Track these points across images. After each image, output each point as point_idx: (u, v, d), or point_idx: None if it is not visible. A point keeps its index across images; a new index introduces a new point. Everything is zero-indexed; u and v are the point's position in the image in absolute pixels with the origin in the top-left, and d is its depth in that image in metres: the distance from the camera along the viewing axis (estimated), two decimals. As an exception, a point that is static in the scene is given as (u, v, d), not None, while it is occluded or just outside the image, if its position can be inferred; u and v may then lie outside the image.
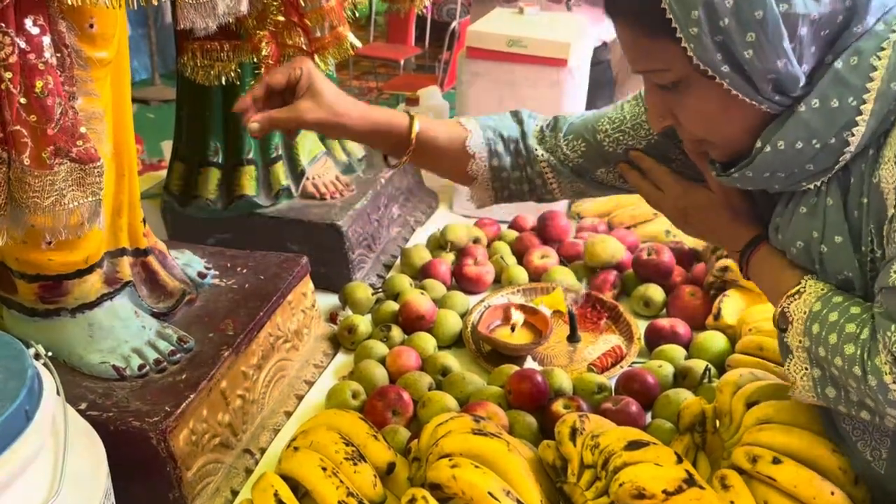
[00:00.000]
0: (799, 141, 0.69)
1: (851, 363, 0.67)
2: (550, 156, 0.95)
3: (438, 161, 0.98)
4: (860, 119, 0.66)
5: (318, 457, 0.84)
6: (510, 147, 0.96)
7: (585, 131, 0.94)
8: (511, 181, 0.97)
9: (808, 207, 0.74)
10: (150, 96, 5.00)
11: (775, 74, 0.66)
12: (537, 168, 0.95)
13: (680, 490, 0.74)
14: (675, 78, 0.71)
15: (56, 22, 0.74)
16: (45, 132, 0.71)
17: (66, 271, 0.91)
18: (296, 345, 1.15)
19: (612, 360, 1.16)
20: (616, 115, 0.93)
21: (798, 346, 0.74)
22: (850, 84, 0.66)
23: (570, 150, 0.94)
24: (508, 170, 0.96)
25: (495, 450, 0.81)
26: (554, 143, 0.95)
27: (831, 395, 0.73)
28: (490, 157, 0.96)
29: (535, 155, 0.95)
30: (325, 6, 1.10)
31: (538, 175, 0.96)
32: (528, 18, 1.61)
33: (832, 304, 0.71)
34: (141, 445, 0.85)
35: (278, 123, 0.88)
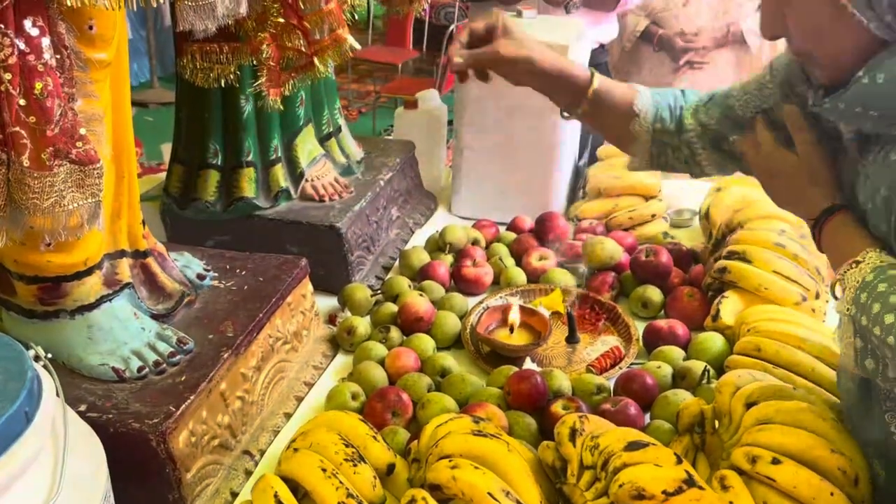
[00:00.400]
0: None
1: (888, 333, 0.67)
2: (696, 124, 0.97)
3: (606, 116, 1.01)
4: None
5: (317, 458, 0.84)
6: (674, 113, 0.99)
7: (720, 97, 0.97)
8: (670, 147, 0.99)
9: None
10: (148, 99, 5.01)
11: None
12: (685, 137, 0.98)
13: (679, 490, 0.74)
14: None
15: (55, 23, 0.74)
16: (44, 133, 0.71)
17: (65, 273, 0.91)
18: (295, 346, 1.15)
19: (611, 361, 1.16)
20: (746, 80, 0.95)
21: (846, 314, 0.74)
22: None
23: (707, 117, 0.96)
24: (670, 133, 0.98)
25: (495, 451, 0.81)
26: (702, 113, 0.97)
27: (870, 366, 0.73)
28: (654, 119, 0.98)
29: (685, 123, 0.98)
30: (325, 8, 1.10)
31: (686, 144, 0.98)
32: (525, 21, 1.61)
33: (885, 276, 0.71)
34: (140, 447, 0.85)
35: (479, 57, 0.98)
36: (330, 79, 1.45)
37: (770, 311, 1.14)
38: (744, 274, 1.21)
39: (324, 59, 1.14)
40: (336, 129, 1.49)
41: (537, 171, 1.60)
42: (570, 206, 1.66)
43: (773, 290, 1.19)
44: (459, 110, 1.61)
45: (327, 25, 1.14)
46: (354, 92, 5.55)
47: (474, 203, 1.66)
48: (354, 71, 5.58)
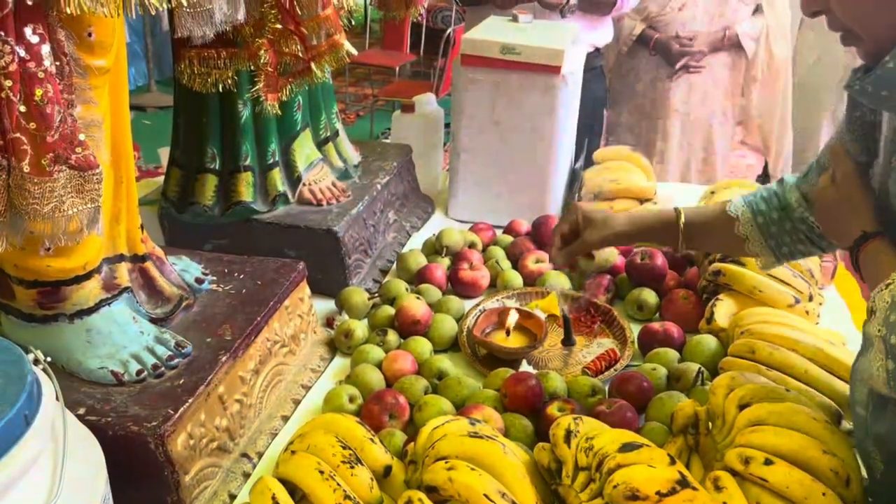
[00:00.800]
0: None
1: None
2: (803, 198, 0.96)
3: (711, 237, 1.06)
4: None
5: (315, 460, 0.84)
6: (773, 202, 0.99)
7: (817, 164, 0.96)
8: (784, 234, 0.98)
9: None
10: (146, 103, 5.01)
11: None
12: (797, 214, 0.97)
13: (673, 491, 0.75)
14: None
15: (55, 30, 0.75)
16: (44, 140, 0.72)
17: (64, 277, 0.91)
18: (293, 349, 1.15)
19: (606, 363, 1.17)
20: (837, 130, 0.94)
21: (877, 336, 0.73)
22: None
23: (809, 188, 0.96)
24: (777, 223, 0.98)
25: (491, 452, 0.82)
26: (806, 186, 0.97)
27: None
28: (754, 215, 0.99)
29: (792, 202, 0.97)
30: (322, 14, 1.11)
31: (802, 221, 0.97)
32: (521, 26, 1.63)
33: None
34: (139, 450, 0.85)
35: (574, 252, 1.10)
36: (327, 83, 1.46)
37: (764, 314, 1.15)
38: (738, 277, 1.22)
39: (321, 65, 1.15)
40: (333, 134, 1.49)
41: (534, 174, 1.61)
42: (566, 209, 1.66)
43: (766, 293, 1.20)
44: (456, 114, 1.62)
45: (324, 31, 1.15)
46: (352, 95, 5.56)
47: (471, 206, 1.67)
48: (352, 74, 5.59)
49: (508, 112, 1.56)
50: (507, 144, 1.59)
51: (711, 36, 2.34)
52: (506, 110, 1.56)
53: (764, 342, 1.08)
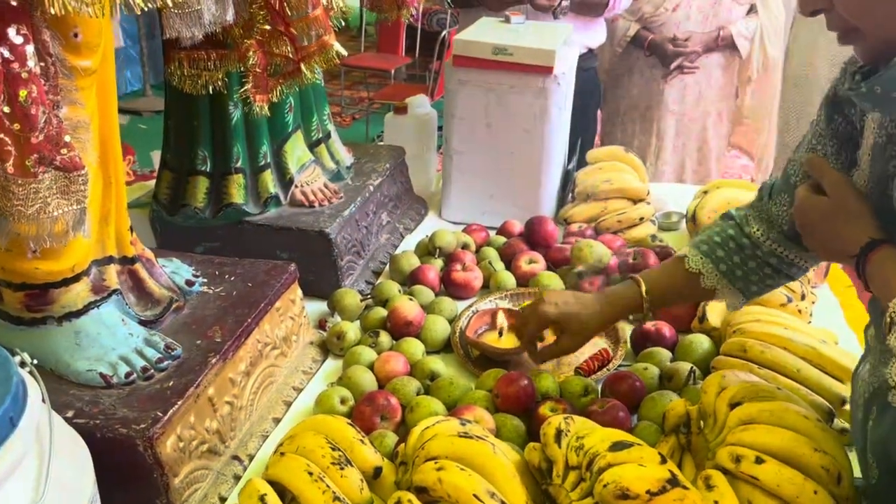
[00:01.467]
0: None
1: None
2: (767, 228, 0.95)
3: (677, 298, 1.08)
4: None
5: (304, 462, 0.84)
6: (729, 245, 0.97)
7: (782, 183, 0.93)
8: (750, 273, 0.96)
9: None
10: (141, 107, 5.01)
11: None
12: (766, 248, 0.95)
13: (663, 490, 0.75)
14: None
15: (40, 31, 0.74)
16: (28, 140, 0.71)
17: (52, 280, 0.91)
18: (284, 351, 1.15)
19: (599, 363, 1.17)
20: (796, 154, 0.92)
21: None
22: None
23: (777, 208, 0.93)
24: (740, 266, 0.96)
25: (481, 452, 0.82)
26: (766, 212, 0.95)
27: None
28: (716, 265, 0.97)
29: (755, 238, 0.95)
30: (311, 15, 1.11)
31: (771, 254, 0.95)
32: (513, 27, 1.63)
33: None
34: (128, 452, 0.85)
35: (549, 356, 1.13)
36: (319, 85, 1.46)
37: (756, 313, 1.15)
38: (730, 276, 1.21)
39: (311, 66, 1.15)
40: (325, 135, 1.49)
41: (527, 175, 1.61)
42: (559, 209, 1.66)
43: (759, 292, 1.19)
44: (448, 115, 1.61)
45: (314, 32, 1.15)
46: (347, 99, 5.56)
47: (464, 208, 1.67)
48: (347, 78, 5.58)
49: (501, 113, 1.56)
50: (499, 145, 1.59)
51: (705, 36, 2.35)
52: (498, 111, 1.56)
53: (756, 341, 1.07)
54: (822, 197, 0.82)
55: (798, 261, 0.96)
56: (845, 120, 0.85)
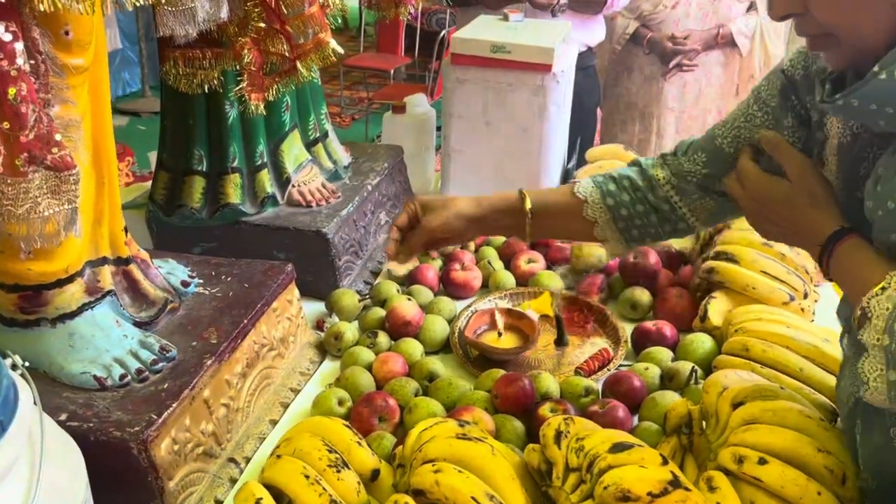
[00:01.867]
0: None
1: None
2: (672, 176, 0.93)
3: (558, 222, 1.00)
4: None
5: (300, 464, 0.83)
6: (623, 183, 0.95)
7: (703, 141, 0.92)
8: (635, 216, 0.95)
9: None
10: (140, 108, 5.00)
11: None
12: (662, 193, 0.93)
13: (665, 492, 0.74)
14: None
15: (29, 28, 0.73)
16: (18, 139, 0.70)
17: (45, 281, 0.90)
18: (281, 352, 1.14)
19: (599, 363, 1.15)
20: (729, 117, 0.91)
21: (875, 344, 0.67)
22: None
23: (691, 164, 0.91)
24: (628, 205, 0.95)
25: (479, 454, 0.81)
26: (676, 164, 0.93)
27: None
28: (603, 196, 0.95)
29: (656, 180, 0.93)
30: (307, 12, 1.10)
31: (664, 200, 0.93)
32: (512, 25, 1.62)
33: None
34: (122, 456, 0.84)
35: (415, 244, 1.01)
36: (315, 84, 1.45)
37: (758, 311, 1.14)
38: (731, 274, 1.20)
39: (307, 64, 1.14)
40: (323, 135, 1.48)
41: (526, 174, 1.59)
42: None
43: (760, 290, 1.18)
44: (447, 114, 1.60)
45: (311, 29, 1.14)
46: (347, 99, 5.55)
47: (463, 207, 1.65)
48: (347, 78, 5.58)
49: (499, 111, 1.55)
50: (498, 144, 1.58)
51: (705, 34, 2.33)
52: (497, 110, 1.55)
53: (758, 340, 1.06)
54: (782, 180, 0.79)
55: (688, 216, 0.94)
56: (800, 104, 0.83)
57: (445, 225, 0.99)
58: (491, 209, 1.00)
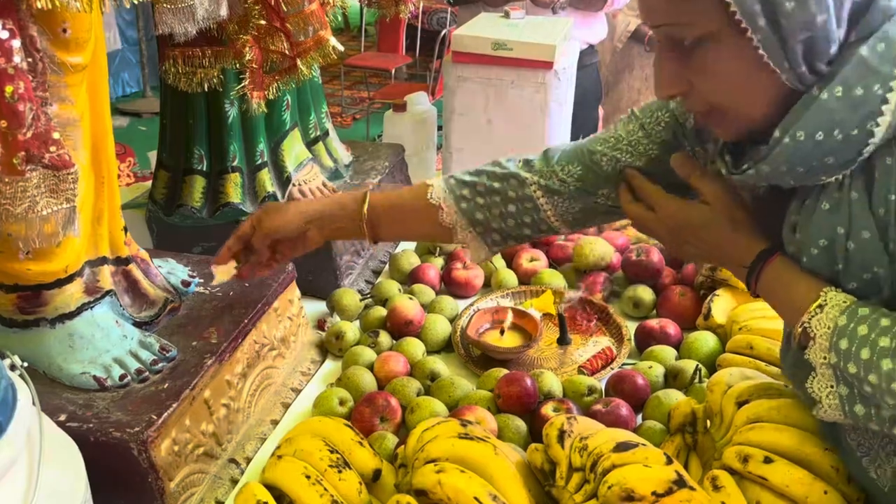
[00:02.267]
0: (820, 131, 0.64)
1: (890, 379, 0.63)
2: (540, 178, 0.89)
3: (408, 224, 0.97)
4: (886, 108, 0.62)
5: (301, 465, 0.82)
6: (478, 188, 0.92)
7: (579, 155, 0.89)
8: (491, 219, 0.92)
9: (831, 203, 0.68)
10: (141, 109, 5.00)
11: (811, 33, 0.62)
12: (527, 192, 0.89)
13: (670, 491, 0.73)
14: (701, 32, 0.65)
15: (27, 26, 0.73)
16: (15, 138, 0.70)
17: (45, 281, 0.89)
18: (282, 352, 1.13)
19: (603, 361, 1.15)
20: (610, 135, 0.88)
21: (822, 363, 0.69)
22: (877, 71, 0.62)
23: (565, 175, 0.89)
24: (483, 209, 0.91)
25: (482, 454, 0.80)
26: (546, 170, 0.90)
27: (860, 412, 0.68)
28: (457, 201, 0.92)
29: (521, 177, 0.90)
30: (307, 9, 1.09)
31: (528, 199, 0.90)
32: (513, 22, 1.61)
33: (859, 316, 0.66)
34: (122, 456, 0.83)
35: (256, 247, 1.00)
36: (316, 82, 1.44)
37: (762, 309, 1.13)
38: (735, 272, 1.20)
39: (307, 62, 1.13)
40: (323, 133, 1.47)
41: (527, 172, 1.59)
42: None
43: (764, 288, 1.17)
44: (448, 112, 1.60)
45: (311, 27, 1.13)
46: (348, 98, 5.54)
47: (465, 205, 1.65)
48: (347, 78, 5.57)
49: (501, 109, 1.55)
50: (499, 142, 1.57)
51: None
52: (498, 107, 1.55)
53: (762, 337, 1.05)
54: (699, 205, 0.78)
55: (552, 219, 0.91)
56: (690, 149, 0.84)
57: (283, 225, 0.97)
58: (333, 206, 0.97)
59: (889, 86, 0.62)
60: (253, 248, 1.01)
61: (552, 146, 0.93)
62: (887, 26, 0.63)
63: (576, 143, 0.92)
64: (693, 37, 0.66)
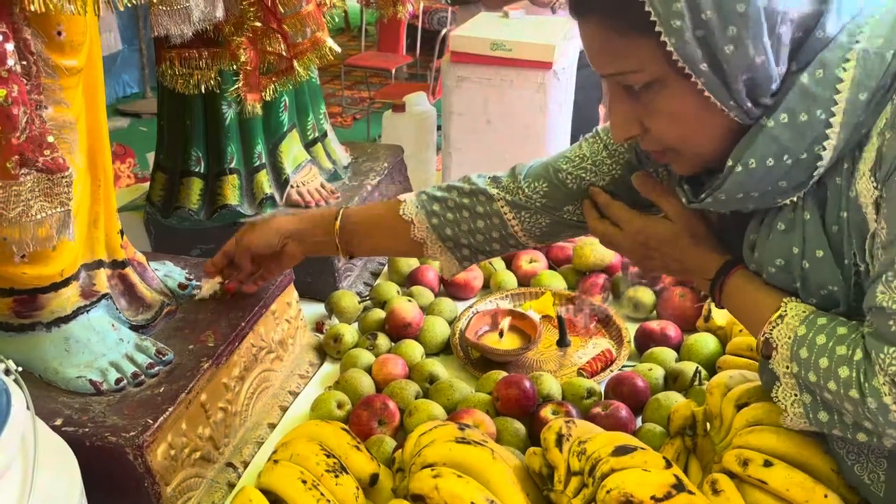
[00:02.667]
0: (770, 158, 0.67)
1: (847, 386, 0.65)
2: (507, 194, 0.91)
3: (383, 242, 1.00)
4: (830, 132, 0.65)
5: (298, 469, 0.82)
6: (448, 203, 0.94)
7: (545, 172, 0.91)
8: (460, 235, 0.94)
9: (786, 223, 0.72)
10: (141, 110, 5.00)
11: (751, 73, 0.65)
12: (494, 207, 0.91)
13: (669, 496, 0.72)
14: (648, 79, 0.68)
15: (21, 29, 0.72)
16: (9, 142, 0.69)
17: (40, 285, 0.89)
18: (280, 355, 1.13)
19: (602, 364, 1.14)
20: (575, 154, 0.91)
21: (786, 372, 0.71)
22: (818, 97, 0.65)
23: (531, 192, 0.91)
24: (452, 224, 0.93)
25: (479, 458, 0.79)
26: (513, 186, 0.92)
27: (824, 419, 0.70)
28: (428, 217, 0.94)
29: (489, 193, 0.92)
30: (304, 11, 1.09)
31: (496, 215, 0.92)
32: (512, 22, 1.61)
33: (817, 326, 0.69)
34: (118, 461, 0.83)
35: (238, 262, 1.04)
36: (314, 83, 1.44)
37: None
38: (735, 273, 1.19)
39: (304, 63, 1.13)
40: (322, 135, 1.47)
41: (527, 173, 1.58)
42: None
43: (765, 289, 1.17)
44: (447, 112, 1.59)
45: (308, 28, 1.13)
46: (348, 98, 5.54)
47: (464, 207, 1.64)
48: (348, 78, 5.56)
49: (500, 109, 1.54)
50: (499, 142, 1.57)
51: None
52: (497, 108, 1.54)
53: (762, 340, 1.05)
54: (663, 220, 0.82)
55: (519, 234, 0.93)
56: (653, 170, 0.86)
57: (262, 240, 1.01)
58: (309, 223, 1.00)
59: (831, 111, 0.65)
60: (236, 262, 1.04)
61: (520, 163, 0.95)
62: (824, 53, 0.65)
63: (543, 159, 0.94)
64: (641, 82, 0.69)
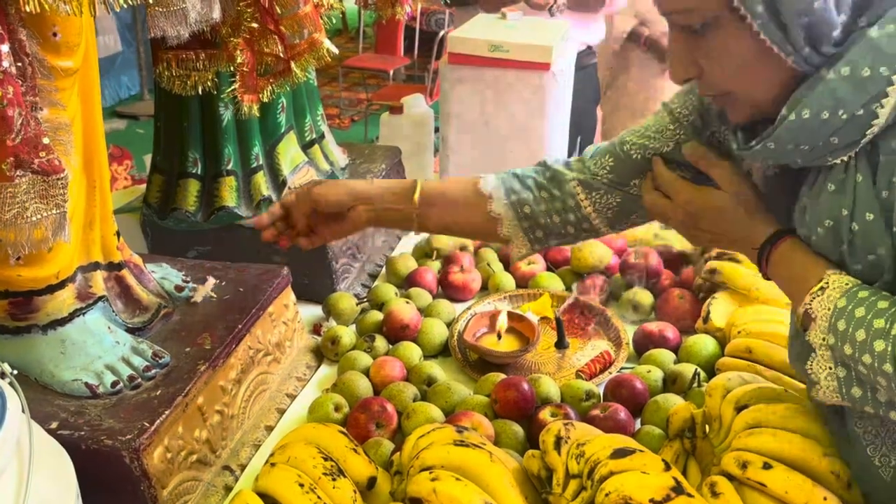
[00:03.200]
0: (825, 111, 0.66)
1: (882, 360, 0.64)
2: (578, 174, 0.91)
3: (458, 216, 0.96)
4: (891, 90, 0.63)
5: (295, 473, 0.81)
6: (527, 182, 0.93)
7: (611, 148, 0.92)
8: (538, 215, 0.93)
9: (837, 184, 0.70)
10: (139, 111, 5.00)
11: (810, 17, 0.63)
12: (567, 188, 0.91)
13: (668, 499, 0.72)
14: (704, 18, 0.68)
15: (16, 30, 0.72)
16: (4, 143, 0.69)
17: (36, 287, 0.88)
18: (277, 357, 1.12)
19: (601, 365, 1.14)
20: (639, 126, 0.91)
21: (822, 343, 0.70)
22: (885, 52, 0.63)
23: (598, 168, 0.91)
24: (531, 203, 0.93)
25: (477, 461, 0.79)
26: (582, 166, 0.92)
27: (857, 394, 0.69)
28: (507, 193, 0.93)
29: (562, 176, 0.92)
30: (301, 12, 1.09)
31: (570, 196, 0.91)
32: (510, 24, 1.60)
33: (858, 298, 0.68)
34: (114, 464, 0.82)
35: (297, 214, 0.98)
36: (311, 85, 1.43)
37: (761, 312, 1.12)
38: (734, 275, 1.19)
39: (301, 64, 1.12)
40: (319, 136, 1.46)
41: (525, 174, 1.58)
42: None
43: (763, 291, 1.16)
44: (444, 114, 1.59)
45: (305, 29, 1.12)
46: (346, 100, 5.53)
47: (462, 208, 1.64)
48: (346, 79, 5.56)
49: (498, 111, 1.54)
50: (497, 144, 1.57)
51: (704, 32, 2.32)
52: (495, 109, 1.54)
53: (761, 341, 1.05)
54: (715, 190, 0.81)
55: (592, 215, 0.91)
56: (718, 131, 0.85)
57: (335, 197, 0.95)
58: (383, 190, 0.96)
59: (895, 68, 0.63)
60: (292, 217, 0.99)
61: (590, 146, 0.96)
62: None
63: (611, 140, 0.94)
64: (698, 21, 0.68)
